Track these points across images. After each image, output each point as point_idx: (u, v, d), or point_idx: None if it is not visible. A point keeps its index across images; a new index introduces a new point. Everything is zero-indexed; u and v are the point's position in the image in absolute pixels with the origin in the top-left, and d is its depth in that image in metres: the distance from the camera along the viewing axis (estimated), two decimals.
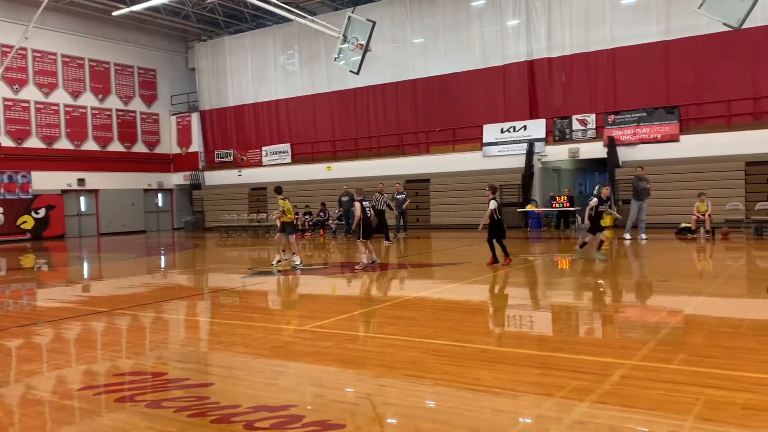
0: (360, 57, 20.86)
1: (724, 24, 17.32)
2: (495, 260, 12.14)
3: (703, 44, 21.28)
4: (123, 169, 32.31)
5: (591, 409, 4.12)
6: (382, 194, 19.57)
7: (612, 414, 4.01)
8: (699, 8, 17.11)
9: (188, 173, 34.27)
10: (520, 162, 24.16)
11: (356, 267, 12.29)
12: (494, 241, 12.16)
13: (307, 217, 25.06)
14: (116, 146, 32.38)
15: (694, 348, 5.65)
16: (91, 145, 31.24)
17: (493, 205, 11.77)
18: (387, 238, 18.80)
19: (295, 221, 13.74)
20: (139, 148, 33.61)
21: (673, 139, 21.59)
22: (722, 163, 20.19)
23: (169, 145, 35.25)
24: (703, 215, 17.23)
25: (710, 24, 19.33)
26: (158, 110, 34.63)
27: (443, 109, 26.64)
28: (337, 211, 23.78)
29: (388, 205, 19.71)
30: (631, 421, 3.90)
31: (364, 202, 11.96)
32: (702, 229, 17.31)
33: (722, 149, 20.27)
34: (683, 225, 18.04)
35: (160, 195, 35.05)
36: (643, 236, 17.02)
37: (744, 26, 17.30)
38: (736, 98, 20.80)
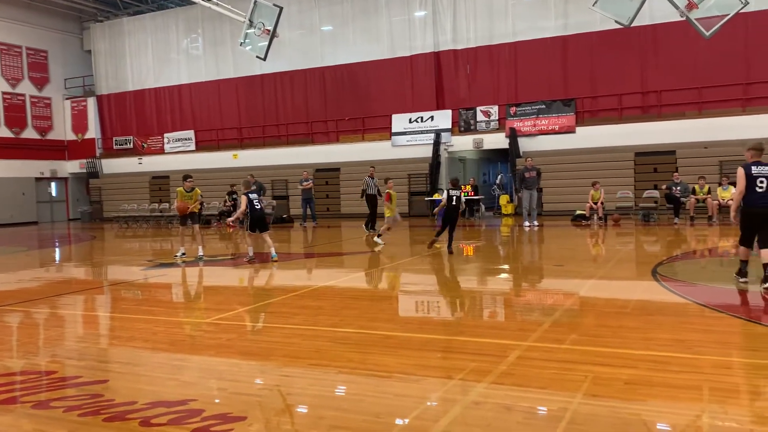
0: (267, 43, 20.51)
1: (616, 21, 18.39)
2: (432, 243, 12.83)
3: (598, 40, 22.43)
4: (11, 156, 30.17)
5: (488, 389, 4.28)
6: (373, 178, 17.95)
7: (507, 393, 4.19)
8: (593, 5, 18.06)
9: (84, 161, 32.46)
10: (427, 152, 24.59)
11: (244, 259, 12.20)
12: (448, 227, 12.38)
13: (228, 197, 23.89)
14: (3, 132, 30.20)
15: (584, 328, 5.98)
16: None
17: (443, 195, 12.44)
18: (368, 227, 17.27)
19: (199, 210, 13.51)
20: (30, 134, 31.51)
21: (570, 130, 22.66)
22: (614, 154, 21.41)
23: (63, 131, 33.25)
24: (597, 203, 18.24)
25: (604, 21, 20.42)
26: (51, 94, 32.56)
27: (353, 98, 26.65)
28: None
29: (378, 191, 17.77)
30: (525, 399, 4.09)
31: (251, 195, 11.94)
32: (595, 216, 18.32)
33: (614, 140, 21.50)
34: (578, 212, 19.02)
35: (53, 184, 33.05)
36: (535, 223, 18.00)
37: (634, 24, 18.45)
38: (627, 92, 22.09)
